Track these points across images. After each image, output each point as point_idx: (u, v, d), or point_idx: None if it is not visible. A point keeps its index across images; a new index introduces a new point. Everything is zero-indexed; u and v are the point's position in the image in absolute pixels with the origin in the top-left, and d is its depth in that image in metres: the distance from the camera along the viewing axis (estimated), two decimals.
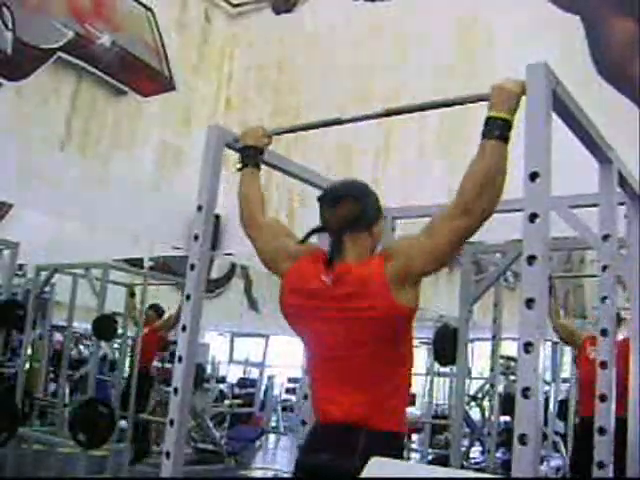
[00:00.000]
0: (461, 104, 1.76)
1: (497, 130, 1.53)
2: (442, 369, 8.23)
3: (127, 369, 6.49)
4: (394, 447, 1.67)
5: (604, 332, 1.94)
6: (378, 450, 1.57)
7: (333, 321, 1.68)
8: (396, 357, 1.70)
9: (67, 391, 7.39)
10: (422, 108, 1.90)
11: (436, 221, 1.62)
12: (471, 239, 1.62)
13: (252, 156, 2.04)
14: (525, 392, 1.30)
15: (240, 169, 2.05)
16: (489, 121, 1.55)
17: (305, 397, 2.35)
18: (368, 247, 1.77)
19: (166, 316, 6.44)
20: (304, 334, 1.79)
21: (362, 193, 1.79)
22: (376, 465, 1.30)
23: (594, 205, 2.06)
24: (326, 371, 1.74)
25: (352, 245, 1.73)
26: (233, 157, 2.16)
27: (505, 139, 1.54)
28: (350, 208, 1.74)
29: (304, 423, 2.35)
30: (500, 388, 6.96)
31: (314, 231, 1.82)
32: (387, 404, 1.66)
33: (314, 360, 1.79)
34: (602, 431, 1.86)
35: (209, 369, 10.16)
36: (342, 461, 1.62)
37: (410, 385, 1.76)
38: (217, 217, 2.08)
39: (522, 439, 1.28)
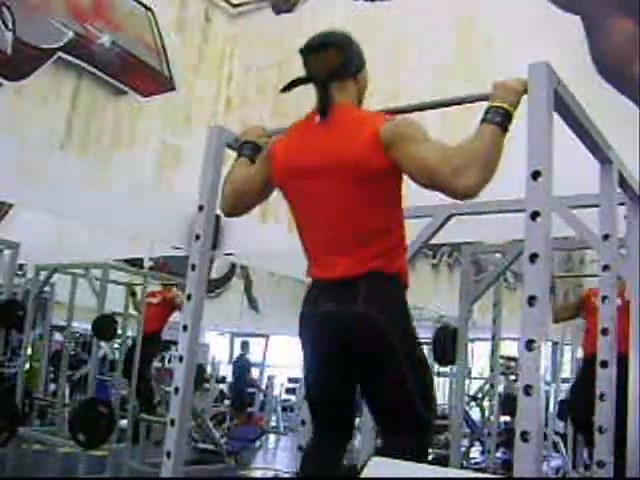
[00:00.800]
0: (461, 104, 1.76)
1: (498, 117, 1.53)
2: (442, 369, 8.23)
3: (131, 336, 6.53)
4: (395, 286, 1.70)
5: (604, 331, 1.94)
6: (380, 292, 1.64)
7: (325, 173, 1.68)
8: (386, 212, 1.71)
9: (67, 391, 7.39)
10: (422, 108, 1.90)
11: (435, 153, 1.58)
12: (471, 239, 1.63)
13: (249, 150, 2.03)
14: (527, 389, 1.30)
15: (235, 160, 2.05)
16: (490, 109, 1.55)
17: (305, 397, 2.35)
18: (355, 95, 1.79)
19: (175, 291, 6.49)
20: (295, 195, 1.79)
21: (345, 41, 1.79)
22: (376, 465, 1.29)
23: (594, 205, 2.06)
24: (319, 234, 1.75)
25: (339, 93, 1.74)
26: (233, 157, 2.16)
27: (504, 129, 1.53)
28: (335, 56, 1.75)
29: (304, 423, 2.35)
30: (500, 388, 6.97)
31: (298, 81, 1.80)
32: (382, 257, 1.68)
33: (307, 224, 1.79)
34: (602, 430, 1.85)
35: (209, 369, 10.15)
36: (346, 306, 1.64)
37: (404, 236, 1.78)
38: (217, 217, 2.07)
39: (524, 436, 1.28)
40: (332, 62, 1.74)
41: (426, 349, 8.95)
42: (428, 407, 1.68)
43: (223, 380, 10.93)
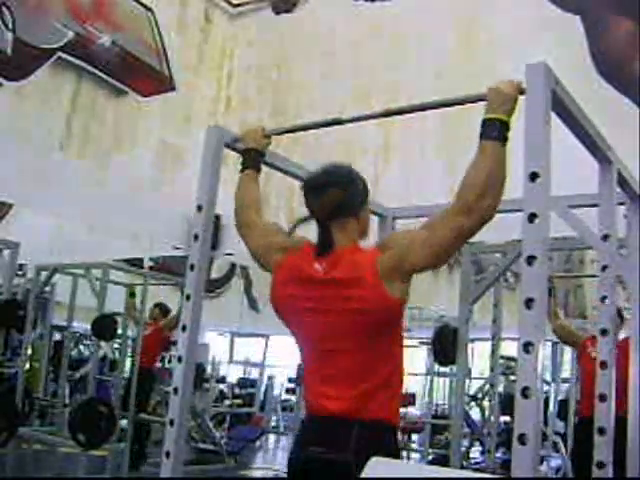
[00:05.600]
0: (461, 104, 1.76)
1: (495, 131, 1.54)
2: (442, 369, 8.24)
3: (128, 369, 6.51)
4: (387, 438, 1.67)
5: (604, 332, 1.94)
6: (371, 442, 1.60)
7: (325, 312, 1.68)
8: (387, 349, 1.69)
9: (67, 391, 7.39)
10: (422, 108, 1.89)
11: (437, 219, 1.62)
12: (471, 239, 1.62)
13: (253, 158, 2.05)
14: (525, 392, 1.30)
15: (241, 171, 2.07)
16: (487, 123, 1.56)
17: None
18: (356, 232, 1.78)
19: (170, 316, 6.45)
20: (296, 326, 1.78)
21: (347, 179, 1.78)
22: (376, 465, 1.29)
23: (594, 205, 2.06)
24: (317, 364, 1.73)
25: (340, 232, 1.73)
26: (233, 157, 2.16)
27: (504, 140, 1.55)
28: (336, 196, 1.73)
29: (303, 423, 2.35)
30: (500, 388, 6.97)
31: (301, 221, 1.82)
32: (379, 396, 1.66)
33: (306, 353, 1.78)
34: (602, 431, 1.85)
35: (209, 369, 10.15)
36: (335, 454, 1.61)
37: (402, 375, 1.75)
38: (217, 217, 2.07)
39: (521, 439, 1.28)
40: (333, 202, 1.72)
41: (426, 349, 8.97)
42: None
43: (223, 380, 10.94)
